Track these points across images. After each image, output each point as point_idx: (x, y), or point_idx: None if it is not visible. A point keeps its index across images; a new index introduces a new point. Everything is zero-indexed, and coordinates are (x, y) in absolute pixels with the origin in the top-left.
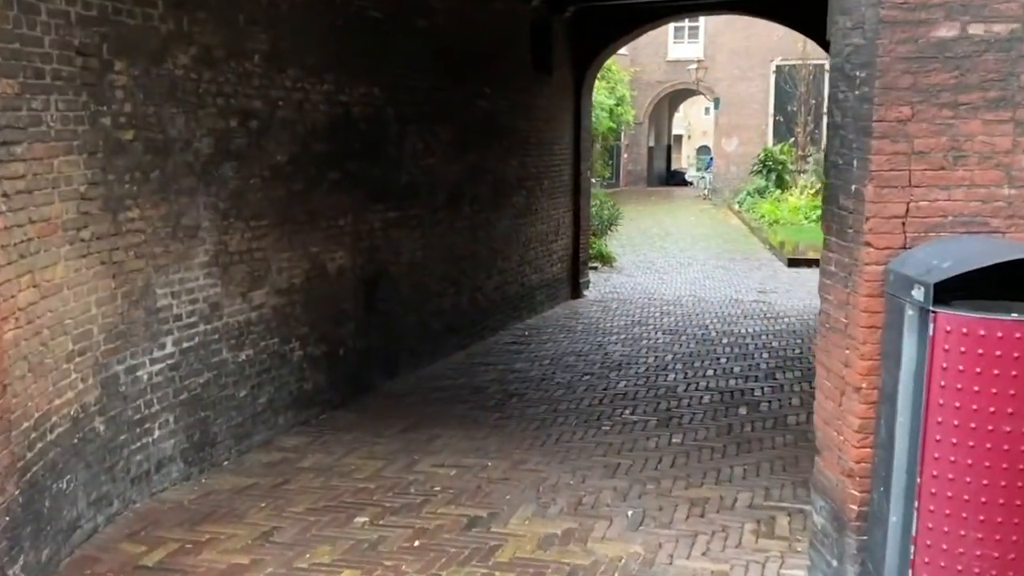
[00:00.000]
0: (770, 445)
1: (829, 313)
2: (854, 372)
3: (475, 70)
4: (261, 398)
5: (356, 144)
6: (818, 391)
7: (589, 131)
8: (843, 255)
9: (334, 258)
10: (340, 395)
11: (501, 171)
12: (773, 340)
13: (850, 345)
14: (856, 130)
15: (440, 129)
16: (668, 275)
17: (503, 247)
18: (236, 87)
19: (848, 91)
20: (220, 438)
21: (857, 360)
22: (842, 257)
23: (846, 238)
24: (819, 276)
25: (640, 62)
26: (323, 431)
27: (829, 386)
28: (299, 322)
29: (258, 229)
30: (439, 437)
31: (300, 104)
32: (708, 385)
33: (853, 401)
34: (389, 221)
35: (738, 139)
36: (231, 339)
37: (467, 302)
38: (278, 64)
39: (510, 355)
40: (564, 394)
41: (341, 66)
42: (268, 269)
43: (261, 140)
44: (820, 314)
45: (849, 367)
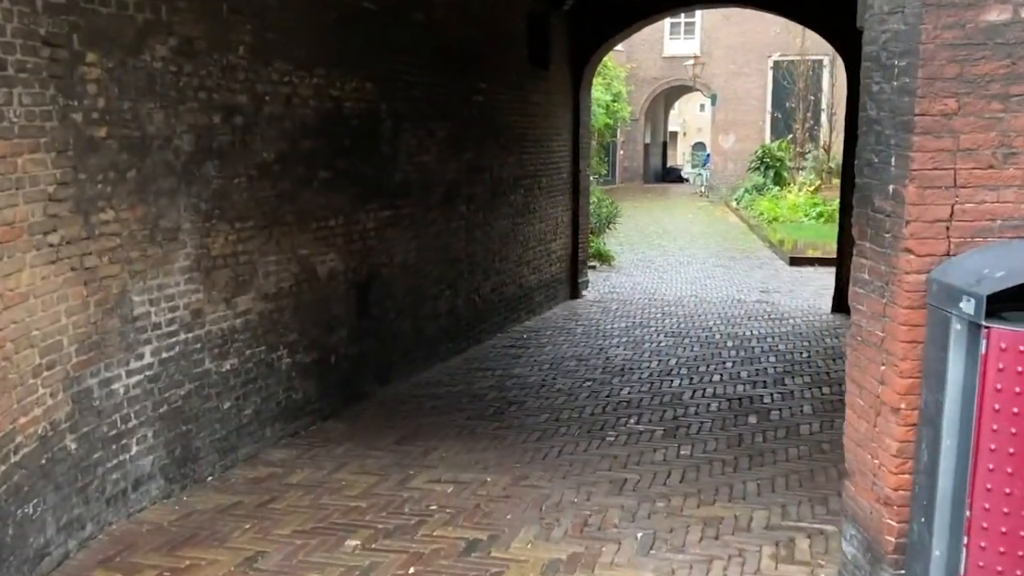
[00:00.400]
0: (783, 457)
1: (862, 325)
2: (891, 391)
3: (472, 65)
4: (247, 410)
5: (348, 141)
6: (848, 409)
7: (588, 128)
8: (879, 262)
9: (324, 261)
10: (331, 404)
11: (498, 169)
12: (779, 343)
13: (887, 361)
14: (895, 125)
15: (435, 125)
16: (668, 274)
17: (500, 247)
18: (219, 81)
19: (885, 82)
20: (203, 453)
21: (895, 378)
22: (878, 264)
23: (882, 244)
24: (851, 284)
25: (636, 58)
26: (313, 443)
27: (862, 405)
28: (287, 328)
29: (243, 231)
30: (435, 449)
31: (288, 99)
32: (715, 392)
33: (890, 423)
34: (382, 221)
35: (735, 136)
36: (214, 348)
37: (464, 304)
38: (264, 57)
39: (509, 359)
40: (565, 402)
41: (332, 59)
42: (254, 273)
43: (246, 137)
44: (851, 326)
45: (885, 385)
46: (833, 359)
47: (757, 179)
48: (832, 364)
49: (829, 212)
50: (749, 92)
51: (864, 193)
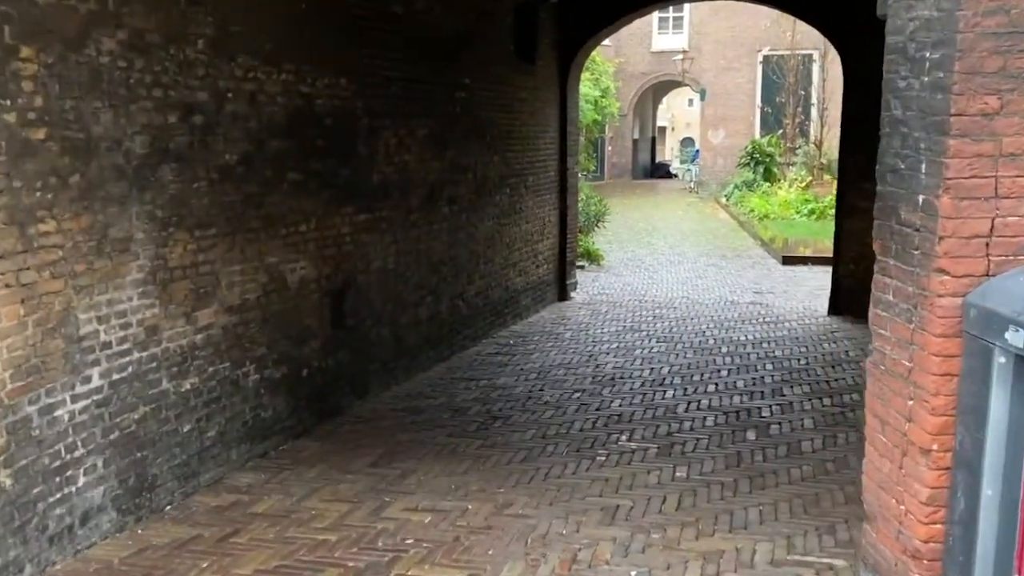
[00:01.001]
0: (785, 479)
1: (885, 352)
2: (921, 430)
3: (455, 59)
4: (210, 431)
5: (320, 141)
6: (869, 446)
7: (576, 125)
8: (905, 282)
9: (295, 268)
10: (303, 422)
11: (483, 168)
12: (776, 348)
13: (915, 395)
14: (925, 126)
15: (416, 123)
16: (658, 274)
17: (485, 250)
18: (176, 77)
19: (913, 77)
20: (160, 480)
21: (926, 415)
22: (904, 285)
23: (910, 261)
24: (871, 305)
25: (624, 53)
26: (283, 465)
27: (884, 442)
28: (254, 343)
29: (204, 239)
30: (413, 472)
31: (253, 96)
32: (710, 404)
33: (919, 465)
34: (358, 225)
35: (724, 131)
36: (172, 366)
37: (447, 310)
38: (227, 51)
39: (494, 368)
40: (553, 416)
41: (303, 54)
42: (217, 284)
43: (207, 137)
44: (872, 352)
45: (914, 422)
46: (832, 366)
47: (747, 175)
48: (831, 372)
49: (821, 209)
50: (738, 87)
51: (887, 203)
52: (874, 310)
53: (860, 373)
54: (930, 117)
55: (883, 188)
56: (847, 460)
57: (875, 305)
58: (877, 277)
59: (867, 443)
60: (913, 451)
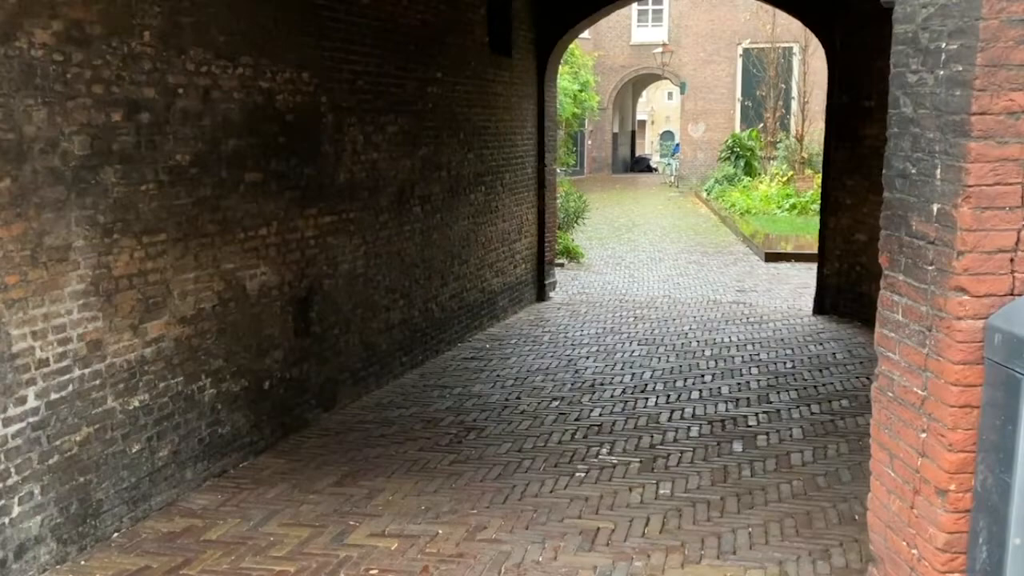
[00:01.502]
0: (775, 496)
1: (893, 378)
2: (936, 467)
3: (426, 52)
4: (161, 451)
5: (281, 139)
6: (875, 480)
7: (554, 120)
8: (917, 301)
9: (255, 275)
10: (265, 437)
11: (457, 166)
12: (761, 351)
13: (930, 428)
14: (941, 127)
15: (385, 119)
16: (639, 272)
17: (460, 250)
18: (120, 72)
19: (926, 71)
20: (107, 506)
21: (942, 451)
22: (916, 304)
23: (923, 278)
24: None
25: (603, 46)
26: (242, 485)
27: (894, 478)
28: (210, 355)
29: (153, 246)
30: (381, 491)
31: (206, 92)
32: (695, 412)
33: (934, 507)
34: (324, 228)
35: (705, 125)
36: (119, 383)
37: (420, 315)
38: (177, 43)
39: (469, 374)
40: (530, 427)
41: (261, 46)
42: (168, 294)
43: (155, 137)
44: (878, 376)
45: (928, 458)
46: (820, 370)
47: (727, 169)
48: (819, 376)
49: (803, 204)
50: (718, 80)
51: (895, 212)
52: (880, 330)
53: (848, 377)
54: (947, 116)
55: (891, 195)
56: (839, 474)
57: (881, 325)
58: (884, 294)
59: (873, 477)
60: (927, 490)
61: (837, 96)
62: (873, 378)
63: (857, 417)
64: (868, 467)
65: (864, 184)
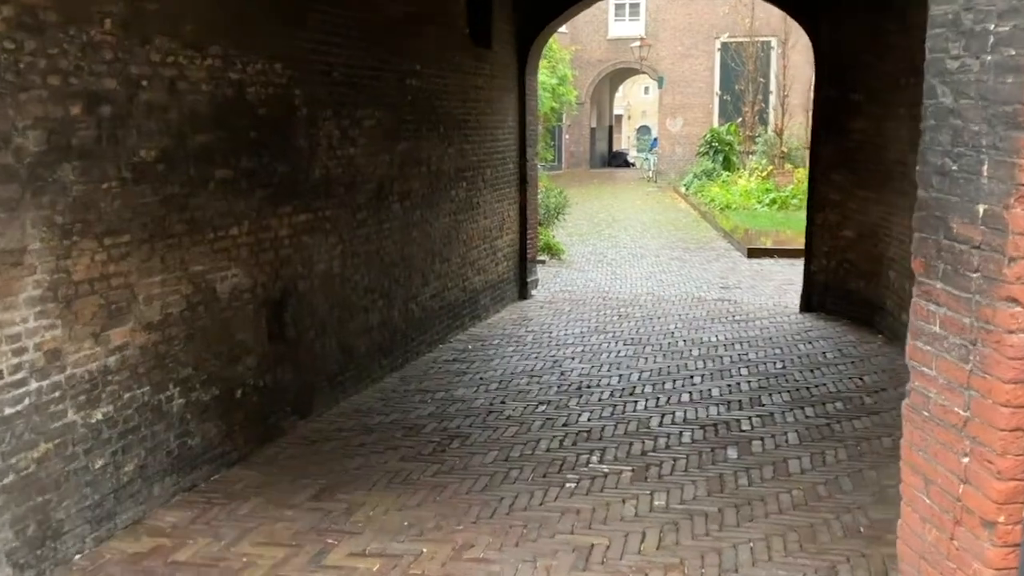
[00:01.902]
0: (775, 507)
1: (929, 396)
2: (983, 496)
3: (405, 44)
4: (127, 466)
5: (253, 133)
6: (906, 506)
7: (536, 114)
8: (959, 312)
9: (225, 277)
10: (238, 448)
11: (437, 161)
12: (749, 351)
13: (974, 453)
14: (988, 118)
15: (363, 113)
16: (621, 269)
17: (441, 248)
18: (79, 62)
19: (969, 56)
20: (68, 526)
21: (989, 479)
22: (957, 315)
23: (965, 286)
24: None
25: (581, 40)
26: (213, 500)
27: (929, 505)
28: (178, 362)
29: (116, 248)
30: (361, 506)
31: (172, 84)
32: (686, 416)
33: (980, 539)
34: (299, 227)
35: (683, 119)
36: (80, 395)
37: (399, 315)
38: (140, 32)
39: (451, 377)
40: (517, 433)
41: (230, 36)
42: (133, 299)
43: (118, 131)
44: (909, 392)
45: (972, 485)
46: (811, 370)
47: (706, 164)
48: (811, 377)
49: (783, 199)
50: (697, 74)
51: (931, 213)
52: (913, 342)
53: (841, 378)
54: (996, 106)
55: (926, 194)
56: (839, 483)
57: (914, 336)
58: (918, 302)
59: (904, 502)
60: (971, 521)
61: (824, 90)
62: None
63: (853, 421)
64: (869, 475)
65: (852, 179)
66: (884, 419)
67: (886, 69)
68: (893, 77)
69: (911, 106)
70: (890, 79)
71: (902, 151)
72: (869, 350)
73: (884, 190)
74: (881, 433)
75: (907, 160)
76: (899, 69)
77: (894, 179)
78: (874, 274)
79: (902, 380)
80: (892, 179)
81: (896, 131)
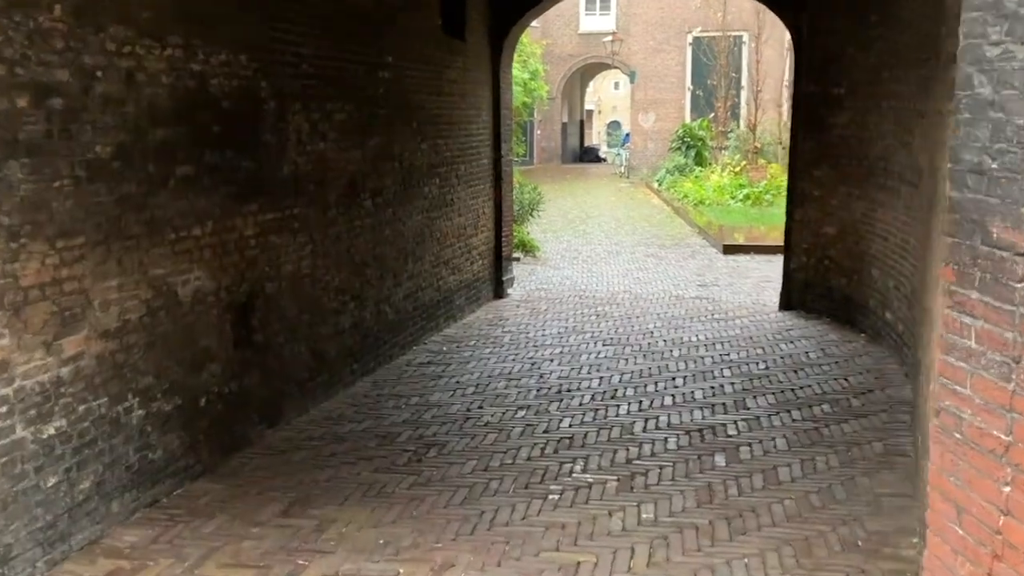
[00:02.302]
0: (768, 519)
1: (963, 417)
2: None
3: (376, 34)
4: (82, 483)
5: (217, 128)
6: (933, 535)
7: (510, 108)
8: (1000, 325)
9: (188, 280)
10: (202, 460)
11: (410, 156)
12: (731, 351)
13: (1017, 482)
14: None
15: (333, 107)
16: (597, 266)
17: (415, 247)
18: (25, 51)
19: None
20: (17, 550)
21: None
22: (998, 329)
23: (1007, 297)
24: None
25: (552, 34)
26: (176, 517)
27: (962, 536)
28: (138, 371)
29: (69, 251)
30: (333, 523)
31: (130, 75)
32: (670, 421)
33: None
34: (266, 226)
35: (655, 114)
36: (29, 409)
37: (372, 317)
38: (94, 19)
39: (426, 381)
40: (496, 441)
41: (192, 25)
42: (87, 305)
43: (70, 126)
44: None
45: (1013, 517)
46: (795, 371)
47: (678, 159)
48: (795, 378)
49: (756, 194)
50: (669, 69)
51: (967, 216)
52: (944, 358)
53: (826, 379)
54: None
55: (960, 195)
56: (832, 492)
57: (947, 351)
58: (950, 314)
59: (931, 531)
60: (1013, 557)
61: (804, 84)
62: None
63: (842, 424)
64: (862, 483)
65: (833, 175)
66: (873, 422)
67: (869, 62)
68: (876, 70)
69: (895, 99)
70: (873, 72)
71: (886, 146)
72: (852, 349)
73: (867, 185)
74: (871, 438)
75: (891, 155)
76: (883, 62)
77: (877, 174)
78: (856, 271)
79: (888, 381)
80: (875, 174)
81: (879, 126)
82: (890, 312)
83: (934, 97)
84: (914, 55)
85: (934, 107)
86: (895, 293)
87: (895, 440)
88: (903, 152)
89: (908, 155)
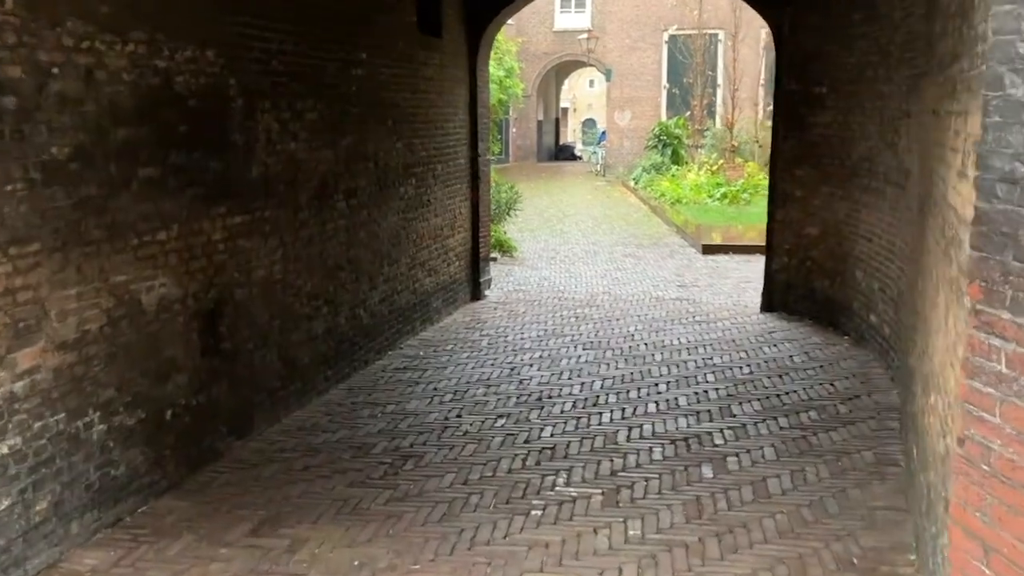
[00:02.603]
0: (759, 535)
1: (991, 447)
2: None
3: (349, 30)
4: (39, 504)
5: (183, 128)
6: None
7: (487, 107)
8: None
9: (152, 287)
10: (168, 476)
11: (385, 156)
12: (714, 354)
13: None
14: None
15: (304, 105)
16: (575, 266)
17: (390, 249)
18: None
19: None
20: None
21: None
22: None
23: None
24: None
25: (527, 32)
26: (140, 537)
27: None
28: (99, 384)
29: (23, 258)
30: (306, 543)
31: (89, 72)
32: (654, 429)
33: None
34: (235, 229)
35: (631, 112)
36: None
37: (346, 322)
38: (50, 13)
39: (402, 388)
40: (475, 452)
41: (156, 19)
42: (43, 315)
43: (23, 126)
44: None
45: None
46: (779, 376)
47: (655, 158)
48: (780, 383)
49: (733, 193)
50: (645, 67)
51: (997, 228)
52: (969, 383)
53: (812, 384)
54: None
55: (988, 205)
56: (824, 505)
57: (971, 376)
58: (977, 335)
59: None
60: None
61: (786, 82)
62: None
63: (830, 432)
64: (854, 495)
65: (815, 175)
66: (861, 429)
67: (852, 61)
68: (860, 69)
69: (880, 99)
70: (857, 71)
71: (870, 146)
72: (837, 353)
73: (850, 186)
74: (860, 446)
75: (876, 156)
76: (867, 60)
77: (861, 175)
78: (839, 273)
79: (874, 386)
80: (858, 175)
81: (863, 125)
82: (875, 315)
83: (924, 97)
84: (901, 53)
85: (924, 107)
86: (880, 296)
87: (884, 449)
88: (888, 153)
89: (894, 156)
